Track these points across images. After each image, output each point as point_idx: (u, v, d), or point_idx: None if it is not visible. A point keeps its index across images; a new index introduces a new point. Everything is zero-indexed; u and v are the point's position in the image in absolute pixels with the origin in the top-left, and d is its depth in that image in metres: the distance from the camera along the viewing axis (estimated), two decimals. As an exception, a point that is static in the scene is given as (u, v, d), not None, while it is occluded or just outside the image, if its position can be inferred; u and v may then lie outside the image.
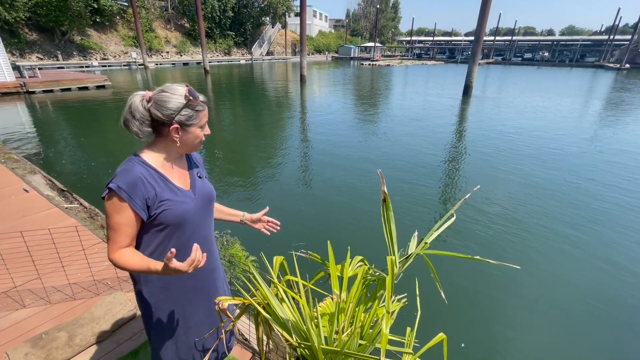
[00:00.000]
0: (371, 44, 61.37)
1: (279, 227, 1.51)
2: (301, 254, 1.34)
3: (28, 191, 3.97)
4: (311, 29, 58.04)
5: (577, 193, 5.45)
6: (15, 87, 13.63)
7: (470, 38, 62.34)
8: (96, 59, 28.60)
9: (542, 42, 63.78)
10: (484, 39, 16.66)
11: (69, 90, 15.09)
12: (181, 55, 36.55)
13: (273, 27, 50.58)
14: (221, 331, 1.36)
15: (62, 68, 23.90)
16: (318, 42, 60.14)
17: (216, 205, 1.43)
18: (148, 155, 1.10)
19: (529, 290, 3.26)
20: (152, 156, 1.11)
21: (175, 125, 1.07)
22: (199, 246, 0.99)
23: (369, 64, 45.83)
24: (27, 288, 2.39)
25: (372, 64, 44.94)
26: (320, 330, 1.04)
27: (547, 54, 57.71)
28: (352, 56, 59.74)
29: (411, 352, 1.03)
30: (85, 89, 15.58)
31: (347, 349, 0.99)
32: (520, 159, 7.14)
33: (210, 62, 31.44)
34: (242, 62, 41.58)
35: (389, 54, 75.79)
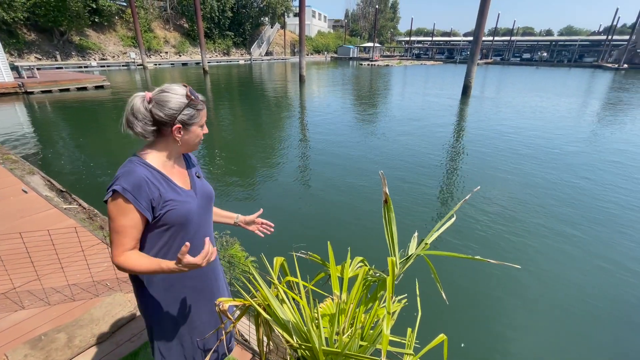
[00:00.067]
0: (370, 44, 61.43)
1: (272, 229, 1.50)
2: (301, 254, 1.34)
3: (27, 192, 3.96)
4: (310, 29, 58.04)
5: (576, 192, 5.46)
6: (13, 87, 13.59)
7: (469, 38, 62.46)
8: (95, 59, 28.55)
9: (541, 42, 63.96)
10: (482, 39, 16.68)
11: (67, 90, 15.05)
12: (180, 56, 36.51)
13: (272, 28, 50.59)
14: (221, 332, 1.36)
15: (61, 68, 23.84)
16: (317, 43, 60.16)
17: None
18: (149, 156, 1.09)
19: (529, 290, 3.27)
20: (153, 157, 1.10)
21: (177, 125, 1.07)
22: (208, 239, 1.00)
23: (368, 64, 45.89)
24: (26, 289, 2.38)
25: (371, 64, 44.99)
26: (321, 331, 1.04)
27: (545, 54, 57.92)
28: (351, 56, 59.80)
29: (412, 353, 1.03)
30: (83, 89, 15.55)
31: (348, 350, 0.99)
32: (519, 158, 7.15)
33: (209, 62, 31.42)
34: (241, 62, 41.56)
35: (388, 54, 75.93)
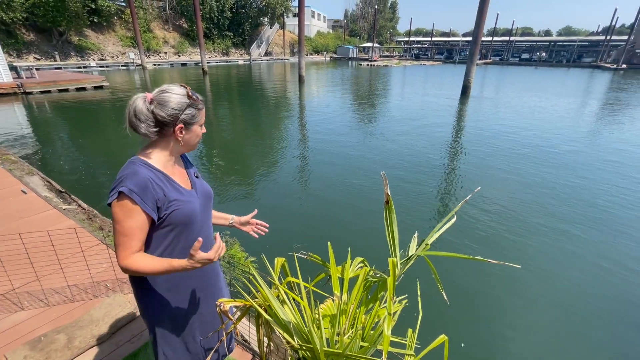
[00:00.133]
0: (369, 44, 61.47)
1: (267, 229, 1.50)
2: (301, 255, 1.34)
3: (26, 192, 3.95)
4: (309, 30, 58.06)
5: (576, 192, 5.47)
6: (12, 87, 13.57)
7: (468, 38, 62.48)
8: (94, 59, 28.52)
9: (540, 42, 64.04)
10: (481, 39, 16.70)
11: (66, 91, 15.03)
12: (179, 56, 36.49)
13: (271, 28, 50.59)
14: (222, 332, 1.36)
15: (60, 69, 23.79)
16: (316, 43, 60.18)
17: None
18: (150, 157, 1.09)
19: (530, 290, 3.27)
20: (154, 157, 1.09)
21: (180, 124, 1.07)
22: (218, 234, 1.03)
23: (367, 64, 45.91)
24: (25, 290, 2.38)
25: (371, 65, 45.01)
26: (322, 332, 1.03)
27: (544, 54, 58.02)
28: (350, 57, 59.84)
29: (413, 354, 1.03)
30: (83, 89, 15.53)
31: (349, 351, 0.99)
32: (518, 158, 7.16)
33: (208, 62, 31.38)
34: (241, 62, 41.55)
35: (387, 54, 76.01)
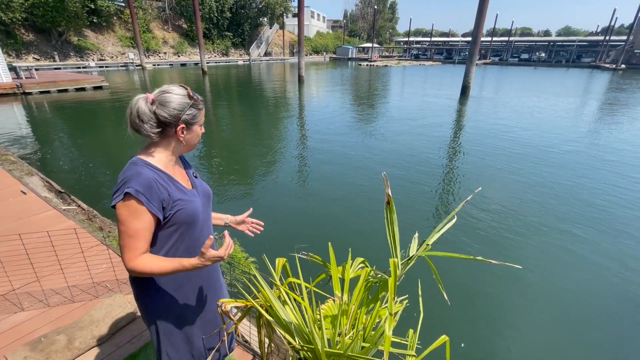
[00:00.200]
0: (369, 44, 61.51)
1: (262, 228, 1.51)
2: (302, 256, 1.34)
3: (25, 193, 3.95)
4: (309, 30, 58.07)
5: (575, 191, 5.48)
6: (11, 88, 13.55)
7: (468, 39, 62.60)
8: (93, 59, 28.50)
9: (539, 42, 64.10)
10: (481, 39, 16.70)
11: (65, 91, 15.01)
12: (179, 56, 36.47)
13: (271, 28, 50.58)
14: (223, 332, 1.36)
15: (59, 69, 23.76)
16: (316, 43, 60.19)
17: None
18: (151, 158, 1.08)
19: (530, 290, 3.27)
20: (156, 158, 1.09)
21: (182, 125, 1.07)
22: (227, 232, 1.08)
23: (366, 64, 45.94)
24: (25, 291, 2.37)
25: (370, 65, 45.04)
26: (324, 332, 1.03)
27: (543, 54, 58.09)
28: (349, 57, 59.81)
29: (414, 354, 1.03)
30: (82, 90, 15.51)
31: (350, 351, 0.99)
32: (518, 158, 7.17)
33: (208, 62, 31.35)
34: (240, 62, 41.54)
35: (387, 54, 76.01)
